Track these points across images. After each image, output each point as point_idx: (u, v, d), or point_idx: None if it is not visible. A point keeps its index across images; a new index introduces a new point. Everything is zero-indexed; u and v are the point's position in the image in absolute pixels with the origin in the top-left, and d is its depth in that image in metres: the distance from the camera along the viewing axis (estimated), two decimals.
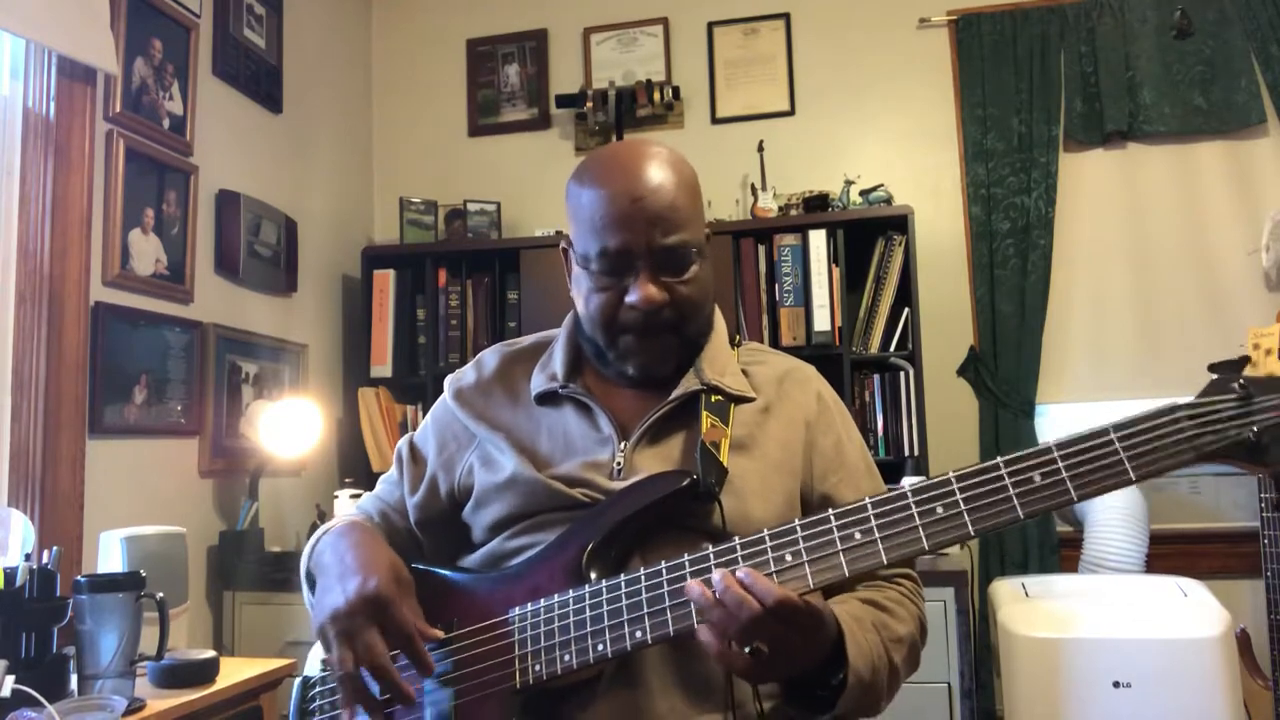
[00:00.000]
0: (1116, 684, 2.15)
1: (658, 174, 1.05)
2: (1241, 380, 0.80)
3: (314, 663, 1.14)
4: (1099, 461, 0.81)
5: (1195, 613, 2.21)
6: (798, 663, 0.90)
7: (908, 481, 0.80)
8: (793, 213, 2.89)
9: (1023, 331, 2.90)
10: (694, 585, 0.87)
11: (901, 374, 2.77)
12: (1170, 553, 2.71)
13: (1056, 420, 2.94)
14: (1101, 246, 2.95)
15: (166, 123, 2.35)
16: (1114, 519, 2.64)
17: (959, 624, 2.24)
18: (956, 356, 2.97)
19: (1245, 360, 0.82)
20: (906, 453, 2.71)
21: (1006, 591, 2.44)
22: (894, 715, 1.01)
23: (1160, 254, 2.90)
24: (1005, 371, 2.90)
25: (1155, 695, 2.12)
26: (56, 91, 2.06)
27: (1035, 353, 2.89)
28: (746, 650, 0.84)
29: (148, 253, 2.28)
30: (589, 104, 3.16)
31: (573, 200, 1.09)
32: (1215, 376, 0.82)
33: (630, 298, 1.04)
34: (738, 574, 0.85)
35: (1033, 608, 2.32)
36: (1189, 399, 0.81)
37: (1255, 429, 0.78)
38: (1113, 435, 0.81)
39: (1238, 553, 2.70)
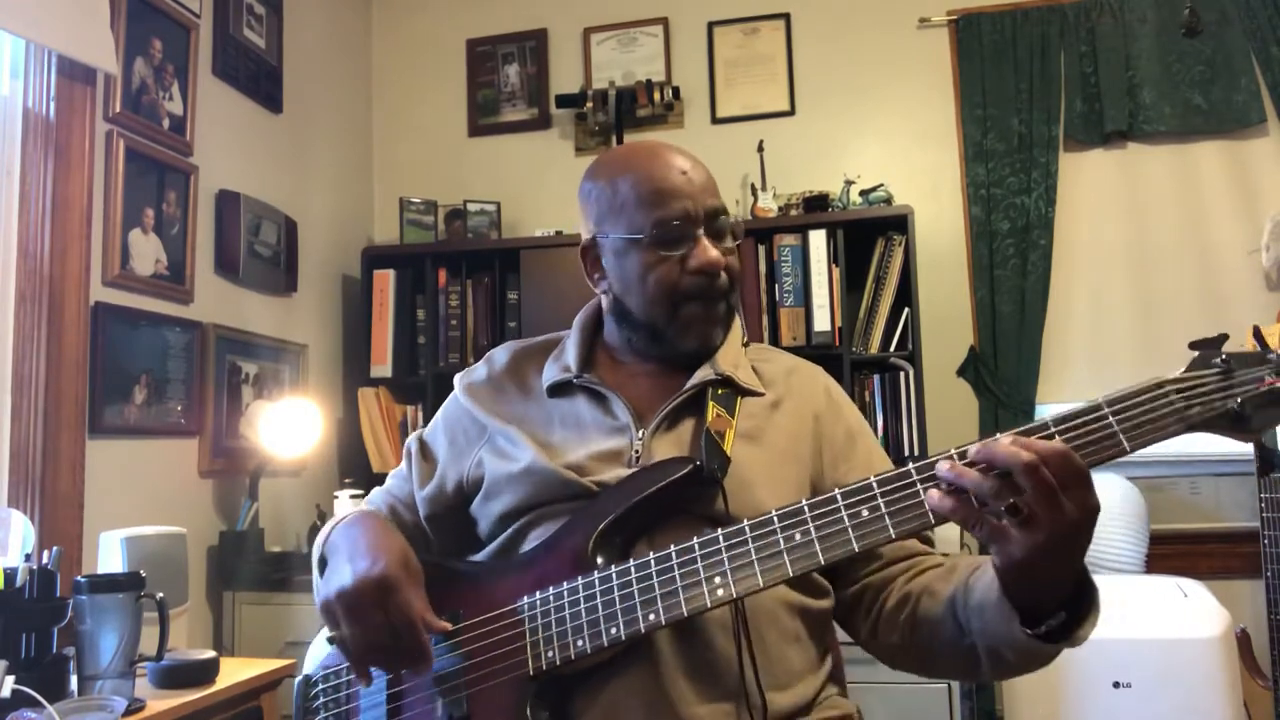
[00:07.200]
0: (1116, 684, 2.15)
1: (686, 156, 1.13)
2: (1223, 356, 0.86)
3: (313, 661, 1.14)
4: (1094, 434, 0.84)
5: (1195, 613, 2.20)
6: (1064, 554, 0.80)
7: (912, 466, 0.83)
8: (793, 213, 2.88)
9: (1023, 331, 2.90)
10: (943, 466, 0.82)
11: (901, 374, 2.76)
12: (1170, 553, 2.70)
13: None
14: (1101, 246, 2.94)
15: (166, 123, 2.35)
16: (1113, 519, 2.64)
17: None
18: (956, 356, 2.97)
19: (1224, 337, 0.88)
20: (906, 452, 2.71)
21: None
22: (894, 715, 1.01)
23: (1160, 254, 2.90)
24: (1005, 371, 2.90)
25: (1155, 695, 2.12)
26: (56, 91, 2.05)
27: (1035, 353, 2.89)
28: (1004, 511, 0.78)
29: (148, 253, 2.28)
30: (589, 104, 3.16)
31: (605, 192, 1.12)
32: (1198, 353, 0.88)
33: (694, 262, 1.08)
34: (1002, 438, 0.81)
35: None
36: (1174, 374, 0.87)
37: (1238, 400, 0.84)
38: (1106, 410, 0.85)
39: (1238, 553, 2.69)
